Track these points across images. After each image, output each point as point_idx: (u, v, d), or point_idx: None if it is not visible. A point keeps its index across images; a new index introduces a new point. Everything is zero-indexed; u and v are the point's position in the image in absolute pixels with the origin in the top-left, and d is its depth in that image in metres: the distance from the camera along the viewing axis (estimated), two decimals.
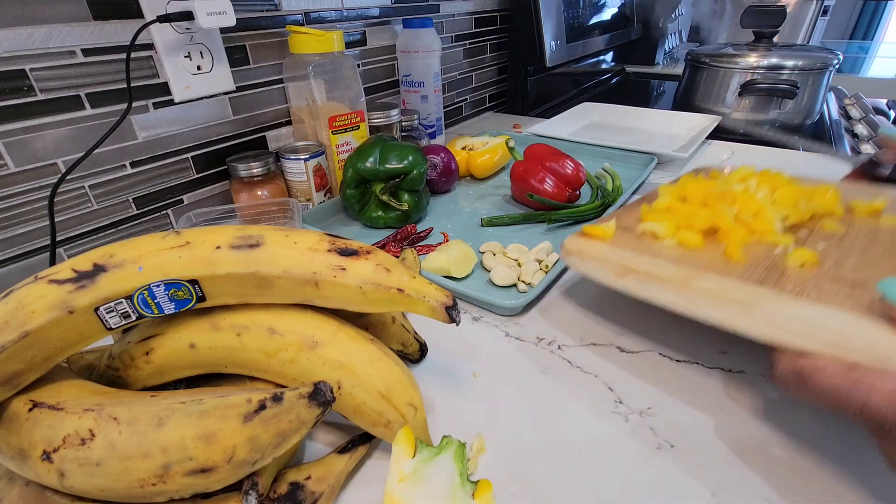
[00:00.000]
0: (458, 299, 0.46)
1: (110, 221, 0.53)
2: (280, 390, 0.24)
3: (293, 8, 0.64)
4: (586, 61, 1.30)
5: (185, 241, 0.28)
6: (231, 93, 0.60)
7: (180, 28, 0.52)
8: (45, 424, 0.24)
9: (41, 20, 0.43)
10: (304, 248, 0.29)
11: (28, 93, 0.44)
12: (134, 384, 0.31)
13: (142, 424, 0.23)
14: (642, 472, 0.30)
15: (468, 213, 0.64)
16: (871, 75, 1.55)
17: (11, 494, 0.25)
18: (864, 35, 2.74)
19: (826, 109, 1.07)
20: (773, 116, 0.91)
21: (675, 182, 0.48)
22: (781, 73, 0.87)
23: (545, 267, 0.48)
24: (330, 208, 0.63)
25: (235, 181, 0.58)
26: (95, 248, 0.27)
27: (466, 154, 0.72)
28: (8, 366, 0.24)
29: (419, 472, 0.25)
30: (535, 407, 0.35)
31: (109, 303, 0.26)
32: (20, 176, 0.46)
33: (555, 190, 0.59)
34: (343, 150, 0.64)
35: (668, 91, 1.37)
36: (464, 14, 0.96)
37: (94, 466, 0.23)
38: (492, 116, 1.11)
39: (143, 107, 0.53)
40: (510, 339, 0.42)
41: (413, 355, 0.38)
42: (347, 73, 0.63)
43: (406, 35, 0.76)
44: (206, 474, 0.23)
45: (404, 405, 0.29)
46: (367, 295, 0.28)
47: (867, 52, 2.07)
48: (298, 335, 0.29)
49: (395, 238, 0.56)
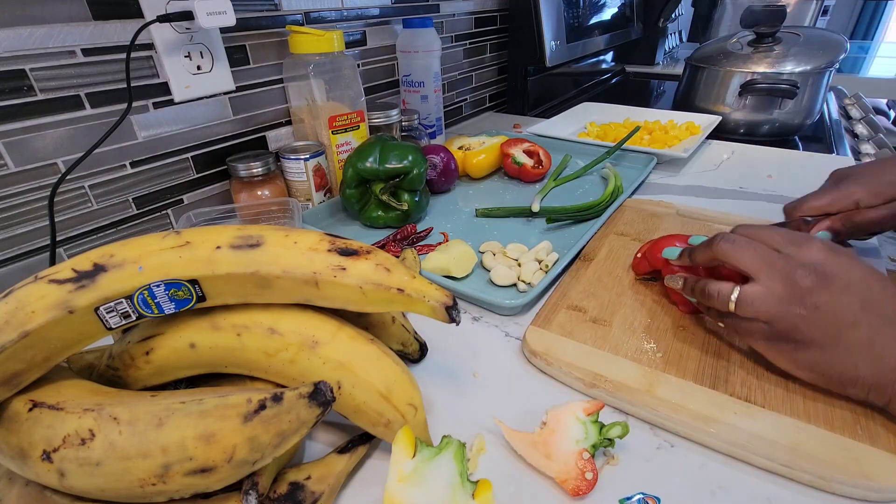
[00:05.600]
0: (458, 299, 0.46)
1: (110, 221, 0.53)
2: (280, 390, 0.24)
3: (293, 8, 0.64)
4: (586, 61, 1.30)
5: (185, 241, 0.28)
6: (231, 93, 0.60)
7: (180, 28, 0.52)
8: (45, 424, 0.24)
9: (41, 20, 0.43)
10: (305, 248, 0.29)
11: (28, 93, 0.44)
12: (134, 384, 0.31)
13: (142, 424, 0.23)
14: (642, 471, 0.30)
15: (468, 212, 0.64)
16: (871, 75, 1.55)
17: (11, 494, 0.25)
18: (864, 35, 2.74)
19: (826, 109, 1.07)
20: (774, 116, 0.91)
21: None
22: (781, 73, 0.87)
23: (545, 267, 0.48)
24: (330, 208, 0.63)
25: (235, 181, 0.58)
26: (95, 248, 0.27)
27: (462, 154, 0.72)
28: (8, 366, 0.24)
29: (419, 472, 0.25)
30: (535, 407, 0.35)
31: (109, 303, 0.26)
32: (20, 176, 0.46)
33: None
34: (343, 150, 0.64)
35: (668, 91, 1.37)
36: (464, 14, 0.96)
37: (94, 466, 0.23)
38: (492, 116, 1.11)
39: (143, 107, 0.53)
40: (510, 338, 0.42)
41: (413, 355, 0.38)
42: (347, 72, 0.63)
43: (406, 35, 0.76)
44: (206, 474, 0.23)
45: (404, 405, 0.29)
46: (367, 295, 0.28)
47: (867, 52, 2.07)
48: (298, 335, 0.29)
49: (395, 238, 0.56)
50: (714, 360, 0.36)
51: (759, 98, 0.90)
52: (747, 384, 0.34)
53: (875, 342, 0.29)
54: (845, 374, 0.30)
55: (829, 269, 0.31)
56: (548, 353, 0.38)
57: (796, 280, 0.31)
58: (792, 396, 0.33)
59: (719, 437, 0.31)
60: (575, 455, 0.29)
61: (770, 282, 0.32)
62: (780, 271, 0.32)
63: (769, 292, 0.32)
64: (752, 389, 0.34)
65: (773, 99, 0.89)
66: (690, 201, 0.64)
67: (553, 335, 0.39)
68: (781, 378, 0.34)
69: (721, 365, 0.36)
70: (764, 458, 0.29)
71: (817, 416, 0.31)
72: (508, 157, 0.72)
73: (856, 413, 0.31)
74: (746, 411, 0.32)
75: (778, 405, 0.32)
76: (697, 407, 0.32)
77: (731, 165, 0.77)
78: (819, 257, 0.31)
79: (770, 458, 0.29)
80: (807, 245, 0.32)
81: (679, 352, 0.37)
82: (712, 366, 0.36)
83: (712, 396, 0.33)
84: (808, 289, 0.31)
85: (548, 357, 0.37)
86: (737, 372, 0.35)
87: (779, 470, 0.29)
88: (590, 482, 0.28)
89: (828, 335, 0.30)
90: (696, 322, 0.40)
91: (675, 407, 0.32)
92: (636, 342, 0.39)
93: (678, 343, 0.38)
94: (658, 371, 0.35)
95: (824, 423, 0.31)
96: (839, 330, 0.30)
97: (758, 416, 0.31)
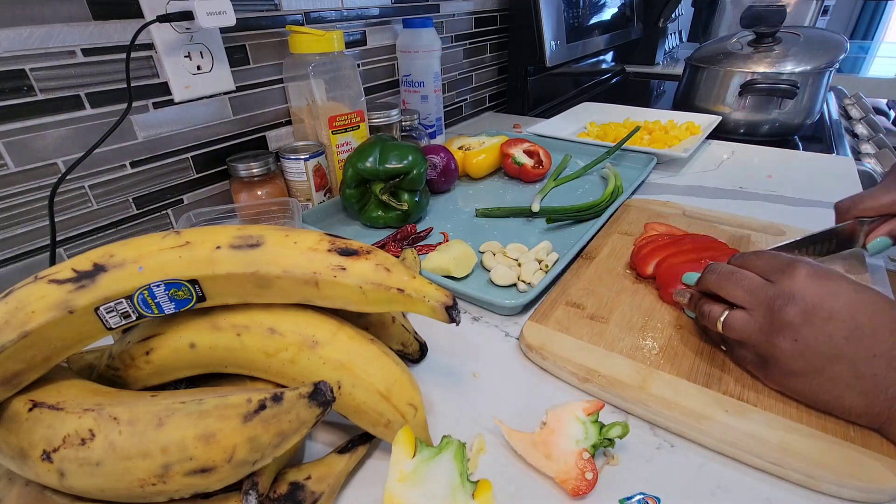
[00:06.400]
0: (458, 299, 0.46)
1: (110, 221, 0.53)
2: (280, 390, 0.24)
3: (293, 8, 0.64)
4: (586, 61, 1.30)
5: (185, 241, 0.28)
6: (231, 93, 0.60)
7: (180, 28, 0.52)
8: (45, 424, 0.24)
9: (41, 20, 0.43)
10: (304, 247, 0.29)
11: (28, 93, 0.44)
12: (134, 384, 0.31)
13: (142, 424, 0.23)
14: (642, 471, 0.30)
15: (468, 212, 0.64)
16: (871, 75, 1.55)
17: (11, 494, 0.25)
18: (864, 35, 2.74)
19: (826, 109, 1.07)
20: (774, 116, 0.91)
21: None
22: (781, 73, 0.87)
23: (545, 267, 0.48)
24: (330, 208, 0.63)
25: (235, 181, 0.58)
26: (95, 248, 0.27)
27: (462, 154, 0.72)
28: (8, 366, 0.24)
29: (419, 471, 0.25)
30: (535, 406, 0.35)
31: (109, 303, 0.26)
32: (20, 176, 0.46)
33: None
34: (343, 149, 0.64)
35: (668, 91, 1.37)
36: (464, 14, 0.96)
37: (94, 466, 0.23)
38: (492, 116, 1.11)
39: (143, 107, 0.53)
40: (510, 338, 0.42)
41: (413, 355, 0.38)
42: (347, 72, 0.63)
43: (406, 35, 0.76)
44: (206, 474, 0.23)
45: (404, 405, 0.29)
46: (367, 295, 0.28)
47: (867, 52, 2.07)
48: (298, 335, 0.29)
49: (395, 238, 0.56)
50: (709, 359, 0.36)
51: (759, 98, 0.90)
52: (741, 383, 0.34)
53: (862, 375, 0.28)
54: (832, 403, 0.30)
55: (813, 300, 0.30)
56: (543, 348, 0.38)
57: (778, 311, 0.30)
58: (785, 397, 0.33)
59: (710, 435, 0.31)
60: (575, 455, 0.29)
61: (754, 311, 0.32)
62: (763, 301, 0.32)
63: (752, 320, 0.32)
64: (746, 388, 0.34)
65: (773, 99, 0.89)
66: (690, 201, 0.64)
67: (550, 330, 0.40)
68: None
69: (716, 364, 0.36)
70: (754, 455, 0.29)
71: (810, 417, 0.31)
72: (508, 157, 0.72)
73: None
74: (739, 410, 0.32)
75: (771, 405, 0.32)
76: (690, 404, 0.32)
77: (731, 165, 0.77)
78: (803, 285, 0.30)
79: (760, 455, 0.29)
80: (792, 271, 0.31)
81: (675, 350, 0.37)
82: (707, 364, 0.36)
83: (705, 394, 0.33)
84: (788, 322, 0.30)
85: (543, 351, 0.37)
86: (731, 371, 0.35)
87: (769, 468, 0.29)
88: (590, 482, 0.28)
89: (810, 366, 0.30)
90: (694, 322, 0.40)
91: (667, 403, 0.33)
92: (632, 339, 0.39)
93: (674, 342, 0.38)
94: (652, 368, 0.36)
95: (816, 423, 0.31)
96: (822, 363, 0.29)
97: (750, 415, 0.32)
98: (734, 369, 0.35)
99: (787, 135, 0.94)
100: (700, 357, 0.37)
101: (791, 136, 0.94)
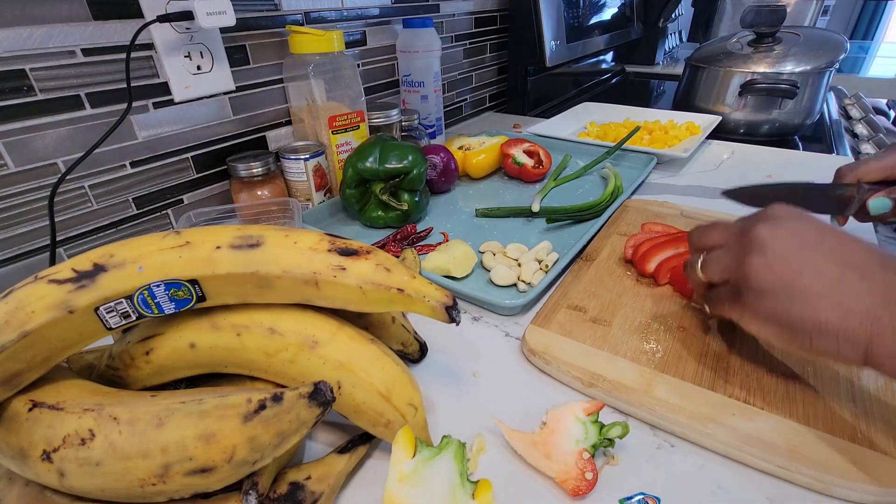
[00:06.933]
0: (458, 299, 0.46)
1: (110, 221, 0.53)
2: (280, 390, 0.24)
3: (293, 8, 0.64)
4: (586, 61, 1.30)
5: (185, 241, 0.28)
6: (231, 93, 0.60)
7: (180, 28, 0.52)
8: (45, 424, 0.24)
9: (41, 20, 0.43)
10: (304, 247, 0.29)
11: (28, 93, 0.44)
12: (134, 384, 0.31)
13: (142, 424, 0.23)
14: (642, 471, 0.30)
15: (468, 212, 0.64)
16: (871, 75, 1.55)
17: (11, 494, 0.25)
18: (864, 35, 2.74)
19: (826, 109, 1.07)
20: (774, 116, 0.91)
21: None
22: (781, 73, 0.87)
23: (545, 267, 0.48)
24: (330, 208, 0.63)
25: (235, 181, 0.58)
26: (95, 248, 0.27)
27: (462, 154, 0.72)
28: (8, 366, 0.24)
29: (419, 472, 0.25)
30: (535, 407, 0.35)
31: (109, 303, 0.26)
32: (20, 176, 0.46)
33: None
34: (343, 149, 0.64)
35: (668, 91, 1.37)
36: (464, 14, 0.96)
37: (93, 466, 0.23)
38: (492, 116, 1.11)
39: (143, 107, 0.53)
40: (510, 338, 0.42)
41: (413, 355, 0.38)
42: (347, 72, 0.63)
43: (406, 35, 0.76)
44: (206, 474, 0.23)
45: (404, 405, 0.29)
46: (367, 295, 0.28)
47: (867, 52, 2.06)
48: (298, 335, 0.29)
49: (395, 238, 0.56)
50: (714, 362, 0.36)
51: (759, 98, 0.90)
52: (746, 386, 0.34)
53: (835, 286, 0.28)
54: (807, 320, 0.28)
55: (783, 220, 0.31)
56: (546, 353, 0.38)
57: (749, 231, 0.31)
58: (792, 399, 0.33)
59: (716, 438, 0.31)
60: (575, 455, 0.29)
61: (729, 243, 0.33)
62: (736, 231, 0.33)
63: (728, 251, 0.33)
64: (752, 392, 0.34)
65: (773, 99, 0.89)
66: (690, 201, 0.64)
67: (552, 334, 0.40)
68: (782, 381, 0.34)
69: (721, 366, 0.36)
70: (762, 459, 0.29)
71: (816, 420, 0.31)
72: (508, 158, 0.72)
73: (855, 416, 0.31)
74: (745, 413, 0.32)
75: (777, 408, 0.32)
76: (695, 407, 0.32)
77: (731, 165, 0.77)
78: (777, 211, 0.32)
79: (768, 460, 0.29)
80: (765, 210, 0.33)
81: (678, 353, 0.37)
82: (712, 367, 0.36)
83: (711, 397, 0.33)
84: (758, 237, 0.30)
85: (546, 356, 0.37)
86: (736, 374, 0.35)
87: (777, 472, 0.29)
88: (590, 482, 0.28)
89: (780, 279, 0.29)
90: (697, 323, 0.40)
91: (672, 407, 0.32)
92: (636, 342, 0.39)
93: (678, 344, 0.38)
94: (657, 371, 0.36)
95: (823, 426, 0.31)
96: (791, 275, 0.29)
97: (756, 418, 0.31)
98: (739, 372, 0.35)
99: (787, 135, 0.94)
100: (704, 359, 0.37)
101: (791, 136, 0.94)
